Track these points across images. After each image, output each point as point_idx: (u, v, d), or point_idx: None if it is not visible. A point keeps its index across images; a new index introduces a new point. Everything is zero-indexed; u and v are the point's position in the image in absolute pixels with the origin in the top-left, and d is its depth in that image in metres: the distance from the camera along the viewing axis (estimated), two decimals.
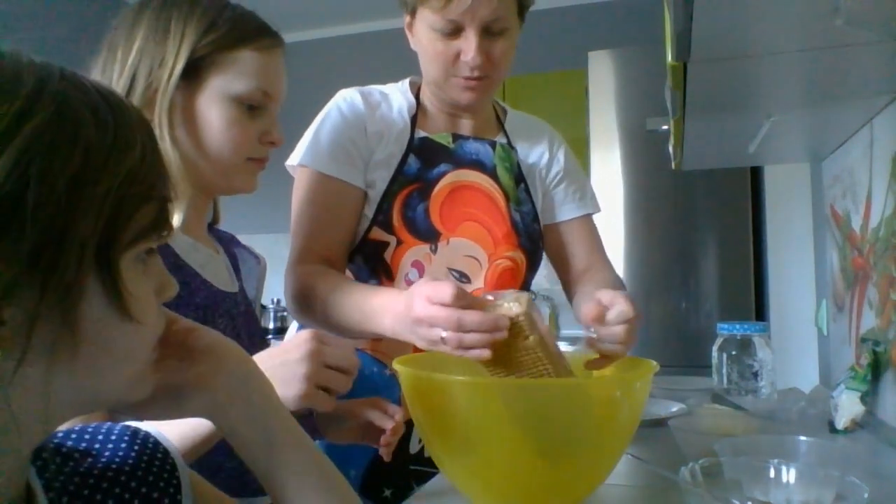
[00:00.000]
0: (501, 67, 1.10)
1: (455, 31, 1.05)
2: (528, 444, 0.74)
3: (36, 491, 0.45)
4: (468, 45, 1.05)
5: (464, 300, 0.75)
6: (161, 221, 0.45)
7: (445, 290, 0.75)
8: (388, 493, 1.11)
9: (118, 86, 0.81)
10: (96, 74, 0.83)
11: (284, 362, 0.69)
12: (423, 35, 1.08)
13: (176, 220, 0.79)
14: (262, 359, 0.68)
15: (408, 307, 0.80)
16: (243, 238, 1.07)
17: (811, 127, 1.40)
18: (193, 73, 0.81)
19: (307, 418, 0.94)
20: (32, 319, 0.38)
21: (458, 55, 1.06)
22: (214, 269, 0.90)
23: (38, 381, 0.39)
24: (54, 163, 0.38)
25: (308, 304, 1.02)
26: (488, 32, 1.05)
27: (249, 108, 0.84)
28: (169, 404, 0.52)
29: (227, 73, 0.82)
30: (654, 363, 0.81)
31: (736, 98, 1.14)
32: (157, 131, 0.78)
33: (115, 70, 0.81)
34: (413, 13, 1.09)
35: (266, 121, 0.87)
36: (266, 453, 0.54)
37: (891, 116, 1.18)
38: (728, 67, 0.95)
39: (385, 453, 0.89)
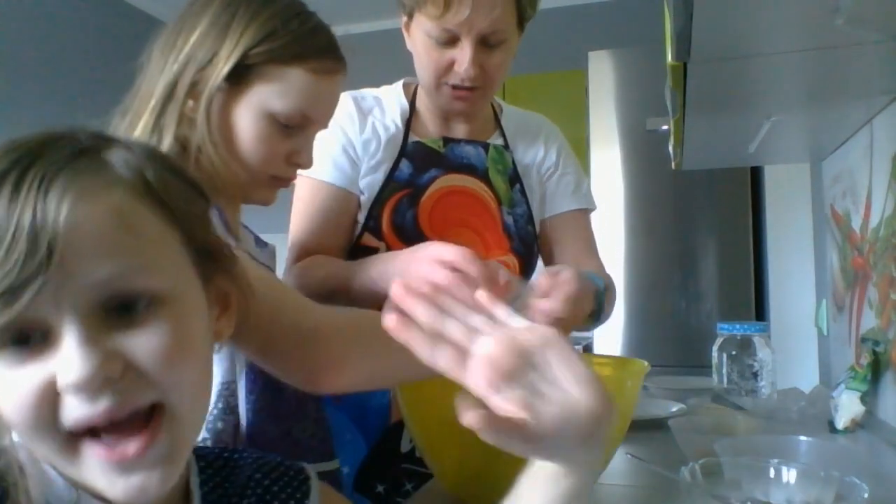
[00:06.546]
0: (496, 78, 1.08)
1: (451, 41, 1.03)
2: None
3: (192, 488, 0.48)
4: (463, 56, 1.03)
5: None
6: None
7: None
8: (381, 489, 1.11)
9: (170, 72, 0.76)
10: (157, 52, 0.79)
11: None
12: (419, 40, 1.07)
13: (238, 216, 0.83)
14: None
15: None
16: None
17: (811, 127, 1.40)
18: (239, 78, 0.77)
19: None
20: None
21: (451, 64, 1.05)
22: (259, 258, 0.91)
23: None
24: None
25: (309, 287, 1.00)
26: (485, 44, 1.04)
27: (286, 126, 0.80)
28: None
29: (272, 86, 0.78)
30: (646, 363, 0.81)
31: (736, 98, 1.14)
32: (198, 128, 0.76)
33: (170, 56, 0.77)
34: (410, 16, 1.08)
35: (299, 141, 0.83)
36: None
37: (891, 116, 1.18)
38: (728, 67, 0.94)
39: None
